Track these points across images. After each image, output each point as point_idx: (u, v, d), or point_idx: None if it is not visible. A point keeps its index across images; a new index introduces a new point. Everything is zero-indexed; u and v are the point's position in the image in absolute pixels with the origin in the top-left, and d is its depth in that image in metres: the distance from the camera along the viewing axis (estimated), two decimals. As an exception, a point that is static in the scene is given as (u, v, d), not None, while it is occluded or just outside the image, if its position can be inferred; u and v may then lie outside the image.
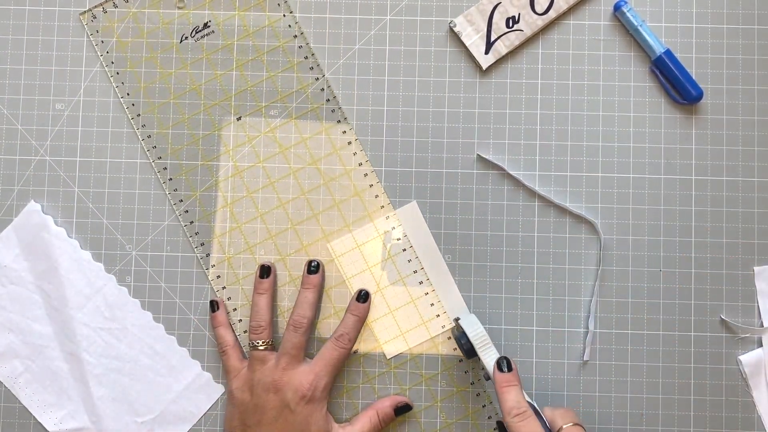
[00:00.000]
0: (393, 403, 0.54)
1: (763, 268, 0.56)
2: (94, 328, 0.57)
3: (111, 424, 0.56)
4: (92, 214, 0.57)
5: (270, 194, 0.57)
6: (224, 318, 0.56)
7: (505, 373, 0.49)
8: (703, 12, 0.57)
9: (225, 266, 0.57)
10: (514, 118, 0.57)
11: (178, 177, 0.57)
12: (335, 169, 0.57)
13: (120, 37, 0.58)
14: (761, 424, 0.55)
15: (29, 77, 0.58)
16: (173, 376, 0.56)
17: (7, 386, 0.57)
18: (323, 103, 0.58)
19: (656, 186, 0.57)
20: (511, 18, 0.57)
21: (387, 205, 0.57)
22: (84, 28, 0.58)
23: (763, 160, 0.57)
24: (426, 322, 0.56)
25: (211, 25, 0.58)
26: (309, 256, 0.57)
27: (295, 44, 0.58)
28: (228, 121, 0.57)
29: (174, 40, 0.58)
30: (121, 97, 0.58)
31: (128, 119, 0.58)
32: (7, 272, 0.57)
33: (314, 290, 0.55)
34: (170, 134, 0.57)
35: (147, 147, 0.57)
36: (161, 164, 0.57)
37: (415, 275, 0.56)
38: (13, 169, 0.58)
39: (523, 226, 0.57)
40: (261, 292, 0.55)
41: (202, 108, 0.58)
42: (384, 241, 0.57)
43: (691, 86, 0.56)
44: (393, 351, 0.56)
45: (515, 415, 0.47)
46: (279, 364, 0.53)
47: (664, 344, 0.56)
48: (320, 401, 0.52)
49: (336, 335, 0.54)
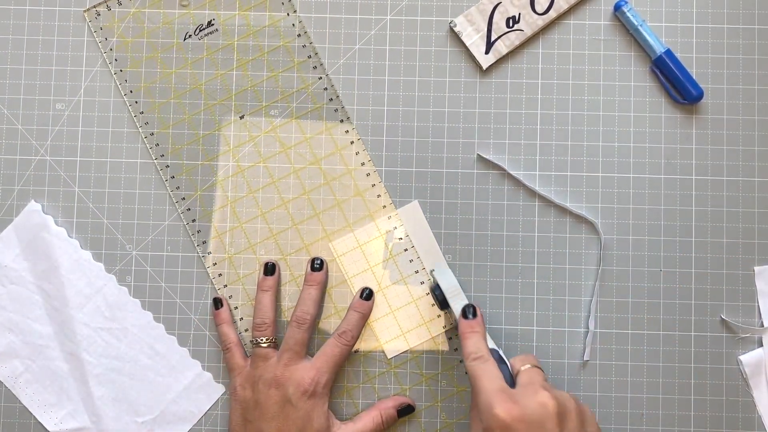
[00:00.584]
0: (396, 403, 0.54)
1: (763, 268, 0.56)
2: (95, 328, 0.57)
3: (111, 424, 0.56)
4: (92, 214, 0.57)
5: (272, 193, 0.57)
6: (228, 316, 0.56)
7: (469, 320, 0.50)
8: (704, 12, 0.57)
9: (226, 265, 0.57)
10: (515, 118, 0.57)
11: (179, 176, 0.57)
12: (337, 169, 0.57)
13: (122, 35, 0.58)
14: (761, 424, 0.55)
15: (29, 77, 0.58)
16: (173, 376, 0.56)
17: (8, 386, 0.57)
18: (325, 103, 0.58)
19: (656, 186, 0.57)
20: (511, 18, 0.57)
21: (389, 205, 0.57)
22: (85, 27, 0.58)
23: (763, 160, 0.57)
24: (427, 322, 0.56)
25: (215, 23, 0.58)
26: (311, 255, 0.57)
27: (298, 44, 0.58)
28: (229, 120, 0.57)
29: (176, 39, 0.58)
30: (123, 95, 0.58)
31: (131, 117, 0.58)
32: (7, 272, 0.57)
33: (318, 287, 0.55)
34: (171, 133, 0.57)
35: (149, 145, 0.57)
36: (163, 162, 0.57)
37: (416, 275, 0.56)
38: (13, 169, 0.58)
39: (523, 226, 0.57)
40: (265, 289, 0.55)
41: (203, 107, 0.58)
42: (386, 241, 0.57)
43: (691, 86, 0.56)
44: (394, 350, 0.56)
45: (473, 359, 0.48)
46: (281, 360, 0.53)
47: (665, 344, 0.56)
48: (321, 397, 0.52)
49: (339, 332, 0.54)
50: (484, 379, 0.46)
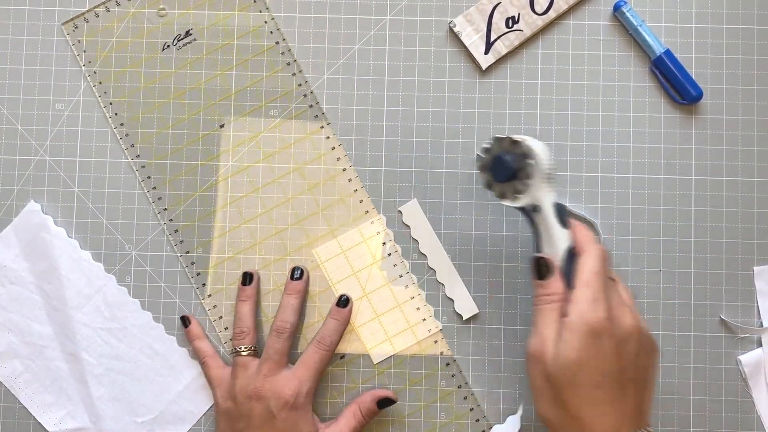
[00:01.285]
0: (374, 397, 0.54)
1: (762, 268, 0.56)
2: (94, 328, 0.57)
3: (111, 424, 0.56)
4: (92, 214, 0.57)
5: (254, 201, 0.57)
6: (198, 330, 0.56)
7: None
8: (703, 12, 0.58)
9: (209, 277, 0.57)
10: (514, 118, 0.57)
11: (161, 187, 0.57)
12: (319, 175, 0.57)
13: (100, 48, 0.58)
14: (761, 424, 0.55)
15: (29, 77, 0.58)
16: (173, 376, 0.56)
17: (7, 386, 0.57)
18: (306, 109, 0.57)
19: (656, 186, 0.57)
20: (510, 18, 0.57)
21: (371, 210, 0.57)
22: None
23: (762, 160, 0.57)
24: (412, 326, 0.56)
25: (193, 33, 0.58)
26: (294, 262, 0.56)
27: (278, 50, 0.58)
28: (212, 128, 0.57)
29: (158, 49, 0.58)
30: (103, 107, 0.57)
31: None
32: (7, 272, 0.57)
33: (297, 296, 0.55)
34: (155, 147, 0.57)
35: (129, 154, 0.57)
36: (150, 184, 0.57)
37: (400, 279, 0.56)
38: (13, 169, 0.58)
39: (523, 226, 0.57)
40: (244, 299, 0.55)
41: (187, 115, 0.57)
42: (369, 246, 0.57)
43: (690, 86, 0.56)
44: (380, 355, 0.56)
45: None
46: (261, 370, 0.53)
47: (664, 344, 0.56)
48: (304, 406, 0.52)
49: (317, 338, 0.54)
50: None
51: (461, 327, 0.56)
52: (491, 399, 0.56)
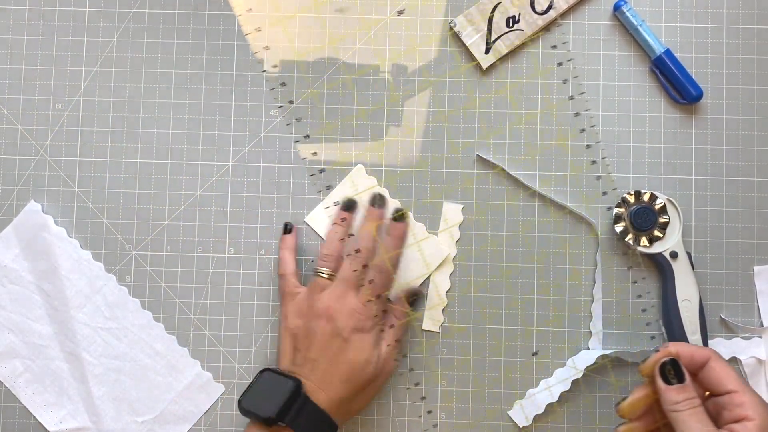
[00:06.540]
0: (406, 297, 0.55)
1: (763, 267, 0.56)
2: (94, 328, 0.57)
3: (111, 423, 0.56)
4: (92, 214, 0.57)
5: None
6: (293, 243, 0.56)
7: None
8: (703, 12, 0.58)
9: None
10: (514, 118, 0.57)
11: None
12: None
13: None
14: (761, 424, 0.55)
15: (29, 77, 0.58)
16: (173, 376, 0.56)
17: (7, 386, 0.57)
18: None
19: (656, 186, 0.57)
20: (511, 18, 0.57)
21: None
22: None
23: (762, 160, 0.57)
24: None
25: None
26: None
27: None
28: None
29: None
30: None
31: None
32: (7, 272, 0.57)
33: (376, 223, 0.54)
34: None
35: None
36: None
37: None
38: (13, 169, 0.58)
39: (523, 226, 0.57)
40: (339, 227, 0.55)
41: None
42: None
43: (691, 86, 0.56)
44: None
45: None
46: (335, 291, 0.52)
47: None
48: (370, 330, 0.52)
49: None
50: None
51: (461, 328, 0.56)
52: (491, 399, 0.56)
